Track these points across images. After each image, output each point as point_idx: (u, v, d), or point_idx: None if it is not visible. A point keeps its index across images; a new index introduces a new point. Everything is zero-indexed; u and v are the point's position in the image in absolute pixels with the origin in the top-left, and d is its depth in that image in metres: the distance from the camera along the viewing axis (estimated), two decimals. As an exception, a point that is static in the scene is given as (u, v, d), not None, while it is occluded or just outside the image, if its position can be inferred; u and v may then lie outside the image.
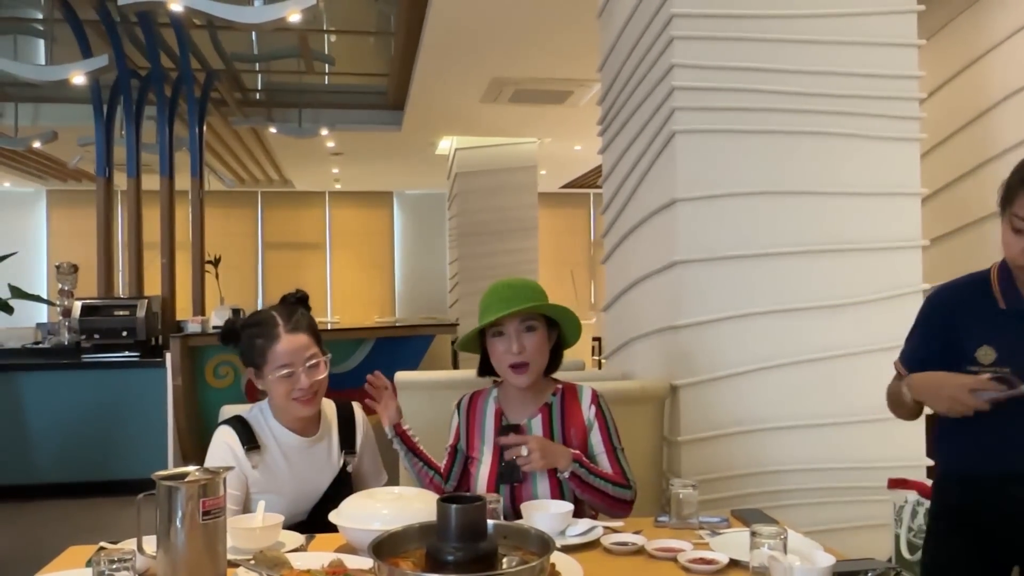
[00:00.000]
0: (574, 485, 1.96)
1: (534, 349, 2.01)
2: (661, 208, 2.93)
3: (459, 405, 2.19)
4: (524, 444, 1.91)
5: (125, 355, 5.70)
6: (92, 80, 6.15)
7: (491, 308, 2.02)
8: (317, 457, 2.09)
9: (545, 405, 2.10)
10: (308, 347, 2.01)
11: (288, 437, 2.07)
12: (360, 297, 13.12)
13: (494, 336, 2.04)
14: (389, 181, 12.78)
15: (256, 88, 8.59)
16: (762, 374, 2.80)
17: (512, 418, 2.10)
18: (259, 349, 2.01)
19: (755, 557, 1.52)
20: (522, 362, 2.01)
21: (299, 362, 1.99)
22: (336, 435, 2.13)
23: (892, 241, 2.88)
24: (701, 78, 2.81)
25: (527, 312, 2.01)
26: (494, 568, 1.17)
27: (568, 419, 2.09)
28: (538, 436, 2.01)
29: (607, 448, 2.08)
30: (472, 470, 2.12)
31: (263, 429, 2.06)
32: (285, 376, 1.98)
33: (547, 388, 2.13)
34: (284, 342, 1.99)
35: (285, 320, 2.02)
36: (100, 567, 1.34)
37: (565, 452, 1.96)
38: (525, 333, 2.01)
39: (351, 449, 2.13)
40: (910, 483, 2.06)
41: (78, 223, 11.30)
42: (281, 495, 2.00)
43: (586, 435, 2.08)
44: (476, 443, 2.12)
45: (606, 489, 1.99)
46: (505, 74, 6.50)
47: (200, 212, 6.81)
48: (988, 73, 3.87)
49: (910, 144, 2.91)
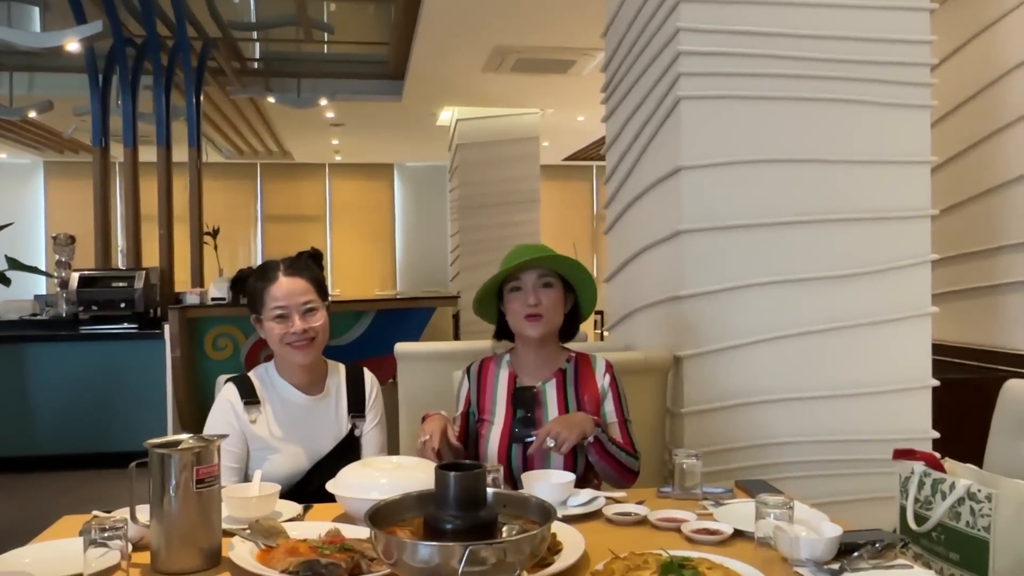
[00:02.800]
0: (594, 451, 1.96)
1: (550, 304, 2.04)
2: (665, 176, 2.87)
3: (468, 371, 2.19)
4: (546, 437, 1.89)
5: (123, 327, 5.67)
6: (87, 48, 6.07)
7: (510, 263, 2.04)
8: (322, 416, 2.07)
9: (559, 370, 2.12)
10: (305, 292, 2.02)
11: (291, 393, 2.06)
12: (361, 270, 13.06)
13: (511, 292, 2.06)
14: (389, 153, 12.69)
15: (254, 57, 8.48)
16: (767, 345, 2.76)
17: (526, 381, 2.10)
18: (258, 292, 2.03)
19: (760, 527, 1.49)
20: (536, 313, 2.03)
21: (294, 305, 1.99)
22: (344, 396, 2.11)
23: (901, 211, 2.83)
24: (707, 42, 2.75)
25: (545, 266, 2.04)
26: (493, 537, 1.13)
27: (582, 385, 2.10)
28: (552, 419, 1.99)
29: (619, 419, 2.10)
30: (483, 432, 2.11)
31: (265, 385, 2.07)
32: (279, 318, 1.99)
33: (561, 355, 2.15)
34: (280, 284, 2.01)
35: (286, 266, 2.05)
36: (91, 535, 1.30)
37: (586, 418, 1.96)
38: (542, 288, 2.04)
39: (360, 412, 2.11)
40: (917, 454, 2.02)
41: (76, 195, 11.21)
42: (281, 452, 2.00)
43: (598, 403, 2.10)
44: (488, 405, 2.12)
45: (619, 457, 2.00)
46: (507, 42, 6.40)
47: (198, 183, 6.74)
48: (1000, 41, 3.79)
49: (921, 111, 2.85)
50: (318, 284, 2.07)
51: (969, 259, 3.97)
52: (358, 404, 2.12)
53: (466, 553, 1.03)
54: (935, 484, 1.92)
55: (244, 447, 2.01)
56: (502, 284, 2.09)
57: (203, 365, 4.89)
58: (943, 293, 3.83)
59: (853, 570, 1.38)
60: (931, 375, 2.85)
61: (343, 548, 1.41)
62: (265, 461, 2.00)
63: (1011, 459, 1.98)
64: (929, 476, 1.95)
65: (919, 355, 2.85)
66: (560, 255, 2.06)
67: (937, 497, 1.90)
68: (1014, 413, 2.01)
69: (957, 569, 1.84)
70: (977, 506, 1.80)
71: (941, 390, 2.86)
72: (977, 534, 1.79)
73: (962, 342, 3.98)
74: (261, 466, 1.98)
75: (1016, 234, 3.70)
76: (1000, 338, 3.82)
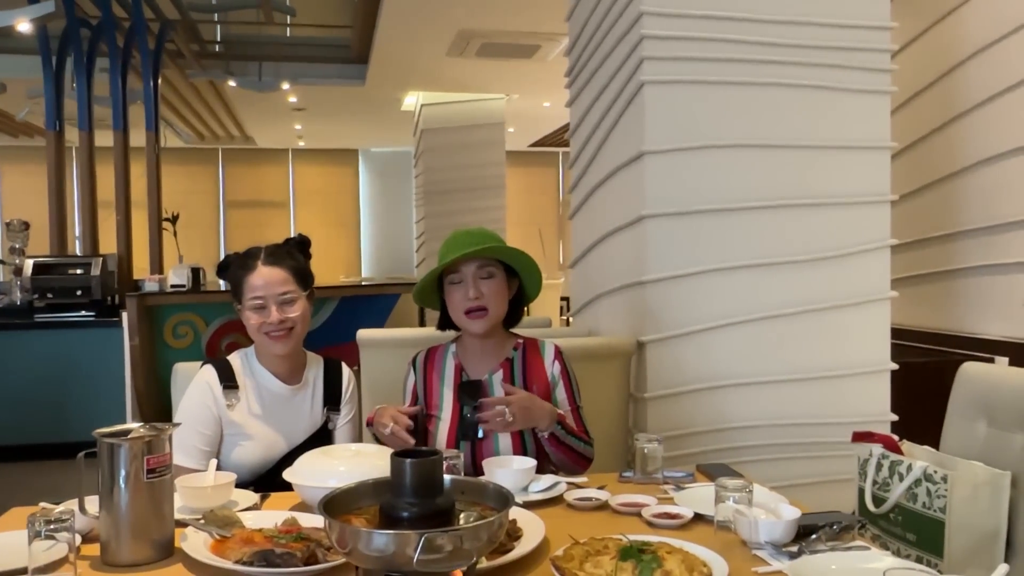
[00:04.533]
0: (550, 443, 1.93)
1: (491, 295, 1.96)
2: (629, 161, 2.86)
3: (414, 363, 2.11)
4: (507, 404, 1.84)
5: (80, 315, 5.56)
6: (39, 28, 5.90)
7: (447, 253, 1.96)
8: (297, 407, 2.06)
9: (506, 360, 2.05)
10: (284, 282, 2.00)
11: (269, 381, 2.04)
12: (325, 257, 12.90)
13: (451, 284, 1.98)
14: (354, 138, 12.56)
15: (214, 40, 8.31)
16: (729, 330, 2.77)
17: (472, 374, 2.05)
18: (238, 280, 2.01)
19: (720, 511, 1.49)
20: (478, 307, 1.95)
21: (271, 296, 1.98)
22: (321, 388, 2.10)
23: (861, 196, 2.85)
24: (671, 27, 2.73)
25: (483, 256, 1.96)
26: (450, 524, 1.11)
27: (530, 374, 2.05)
28: (523, 395, 1.92)
29: (572, 406, 2.06)
30: (431, 428, 2.05)
31: (245, 370, 2.05)
32: (256, 307, 1.98)
33: (508, 342, 2.08)
34: (258, 273, 1.99)
35: (267, 254, 2.03)
36: (36, 527, 1.26)
37: (548, 412, 1.92)
38: (483, 280, 1.96)
39: (335, 405, 2.10)
40: (875, 436, 2.05)
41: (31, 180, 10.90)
42: (254, 439, 1.99)
43: (548, 391, 2.05)
44: (435, 400, 2.06)
45: (575, 446, 1.97)
46: (472, 26, 6.35)
47: (156, 168, 6.61)
48: (959, 28, 3.84)
49: (881, 97, 2.87)
50: (299, 273, 2.04)
51: (928, 244, 4.03)
52: (334, 397, 2.10)
53: (422, 541, 1.01)
54: (893, 466, 1.94)
55: (218, 431, 1.99)
56: (442, 274, 2.01)
57: (163, 353, 4.80)
58: (902, 278, 3.88)
59: (811, 552, 1.38)
60: (890, 359, 2.88)
61: (299, 537, 1.39)
62: (237, 447, 1.98)
63: (966, 441, 2.01)
64: (887, 458, 1.98)
65: (878, 339, 2.88)
66: (496, 245, 1.96)
67: (895, 479, 1.93)
68: (970, 396, 2.04)
69: (914, 549, 1.86)
70: (933, 487, 1.82)
71: (900, 373, 2.89)
72: (933, 515, 1.81)
73: (920, 326, 4.04)
74: (233, 451, 1.97)
75: (973, 220, 3.76)
76: (957, 322, 3.89)
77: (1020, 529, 1.80)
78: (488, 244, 1.95)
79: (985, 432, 1.98)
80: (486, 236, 1.98)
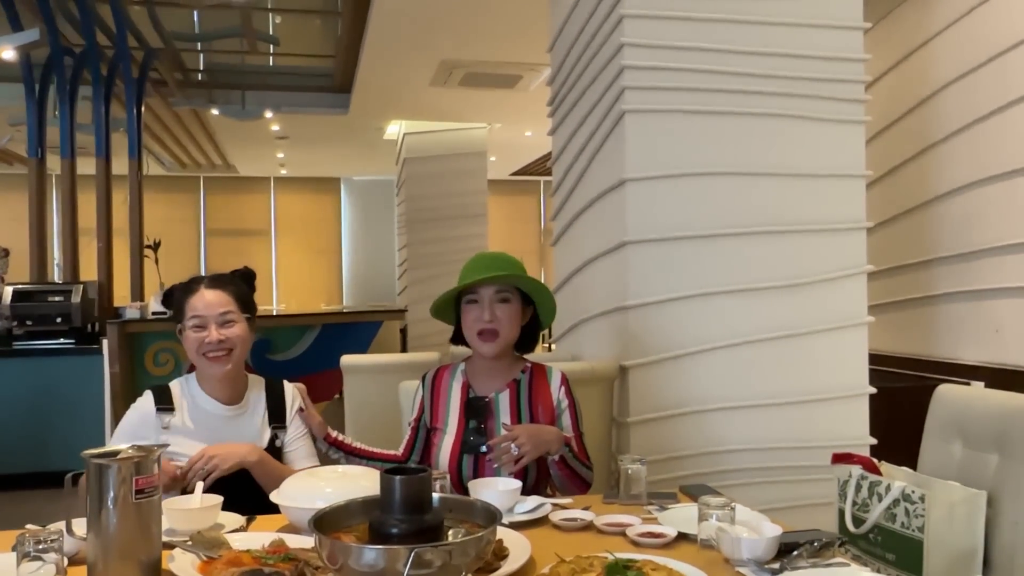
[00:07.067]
0: (557, 466, 1.97)
1: (505, 319, 2.03)
2: (610, 189, 2.91)
3: (424, 379, 2.19)
4: (514, 439, 1.89)
5: (60, 342, 5.51)
6: (23, 56, 5.91)
7: (469, 275, 2.04)
8: (240, 428, 2.05)
9: (513, 381, 2.12)
10: (224, 304, 2.03)
11: (208, 404, 2.05)
12: (307, 285, 12.91)
13: (468, 303, 2.06)
14: (336, 167, 12.60)
15: (198, 68, 8.35)
16: (710, 354, 2.81)
17: (479, 392, 2.10)
18: (180, 303, 2.05)
19: (703, 529, 1.52)
20: (491, 329, 2.03)
21: (212, 316, 2.01)
22: (264, 408, 2.10)
23: (838, 223, 2.91)
24: (651, 57, 2.80)
25: (502, 282, 2.03)
26: (439, 540, 1.13)
27: (536, 397, 2.10)
28: (527, 425, 2.00)
29: (575, 432, 2.11)
30: (435, 441, 2.10)
31: (184, 393, 2.06)
32: (196, 328, 2.01)
33: (516, 365, 2.15)
34: (200, 295, 2.03)
35: (210, 279, 2.07)
36: (25, 547, 1.26)
37: (556, 435, 1.97)
38: (499, 304, 2.03)
39: (280, 423, 2.10)
40: (855, 458, 2.08)
41: (11, 207, 10.86)
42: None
43: (553, 415, 2.10)
44: (440, 414, 2.12)
45: (579, 471, 2.02)
46: (454, 56, 6.43)
47: (139, 195, 6.62)
48: (932, 60, 3.94)
49: (856, 127, 2.94)
50: (241, 299, 2.07)
51: (903, 271, 4.10)
52: (278, 415, 2.10)
53: (411, 556, 1.03)
54: (872, 487, 1.98)
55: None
56: (460, 292, 2.09)
57: (143, 381, 4.78)
58: (879, 304, 3.94)
59: (792, 568, 1.41)
60: (868, 383, 2.93)
61: (287, 558, 1.39)
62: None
63: (943, 461, 2.05)
64: (866, 479, 2.01)
65: (856, 363, 2.93)
66: (518, 274, 2.04)
67: (874, 499, 1.96)
68: (945, 417, 2.08)
69: (893, 569, 1.89)
70: (911, 507, 1.85)
71: (878, 398, 2.94)
72: (912, 534, 1.85)
73: (897, 351, 4.10)
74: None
75: (948, 247, 3.84)
76: (933, 347, 3.95)
77: (996, 547, 1.83)
78: (508, 271, 2.03)
79: (961, 453, 2.02)
80: (508, 261, 2.07)
